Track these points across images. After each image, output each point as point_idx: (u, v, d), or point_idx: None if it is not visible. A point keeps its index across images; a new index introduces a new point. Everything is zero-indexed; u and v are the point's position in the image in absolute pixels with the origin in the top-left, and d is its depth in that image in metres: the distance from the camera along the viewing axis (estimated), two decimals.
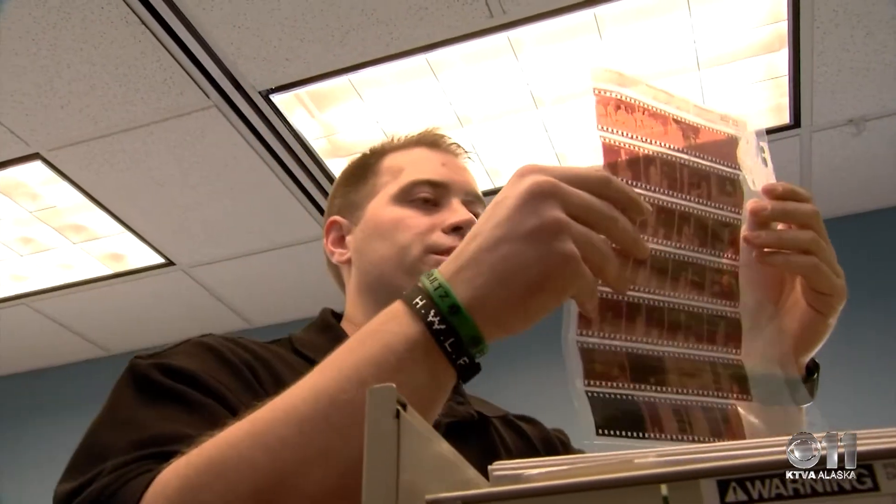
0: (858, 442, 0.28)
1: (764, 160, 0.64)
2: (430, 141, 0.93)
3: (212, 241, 2.82)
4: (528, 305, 0.50)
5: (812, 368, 0.65)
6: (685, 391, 0.55)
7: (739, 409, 0.56)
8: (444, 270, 0.52)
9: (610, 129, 0.56)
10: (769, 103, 2.33)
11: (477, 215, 0.88)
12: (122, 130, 2.32)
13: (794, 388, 0.59)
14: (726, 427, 0.54)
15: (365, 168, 0.94)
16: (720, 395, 0.56)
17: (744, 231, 0.60)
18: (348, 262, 0.91)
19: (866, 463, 0.28)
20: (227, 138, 2.37)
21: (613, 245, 0.52)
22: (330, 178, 2.55)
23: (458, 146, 0.96)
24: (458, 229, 0.84)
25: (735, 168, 0.62)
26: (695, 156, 0.59)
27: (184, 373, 0.66)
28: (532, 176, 0.51)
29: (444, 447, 0.37)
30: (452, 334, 0.49)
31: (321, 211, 2.70)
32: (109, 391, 0.67)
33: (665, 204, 0.57)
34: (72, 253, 2.86)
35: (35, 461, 3.23)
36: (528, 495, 0.31)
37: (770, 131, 2.39)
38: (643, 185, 0.56)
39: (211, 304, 3.17)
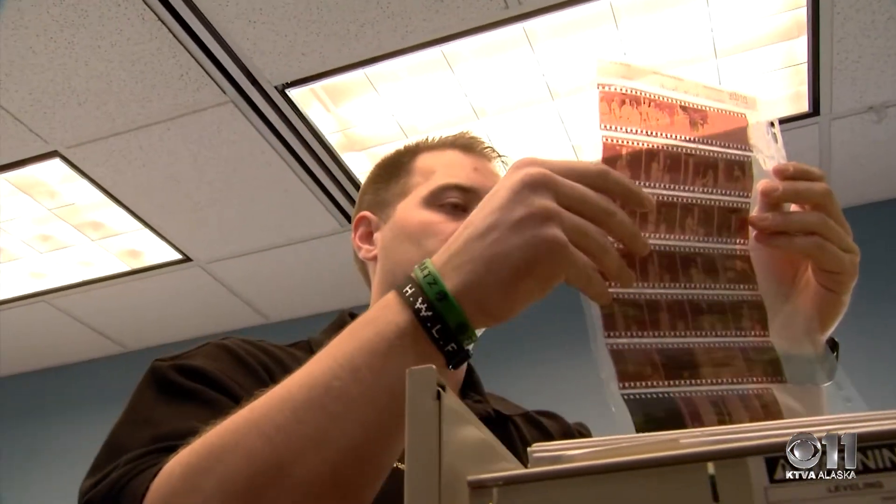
0: None
1: (774, 136, 0.64)
2: (464, 144, 0.94)
3: (228, 237, 2.83)
4: (514, 291, 0.50)
5: (831, 346, 0.65)
6: (720, 381, 0.54)
7: (775, 392, 0.55)
8: (436, 259, 0.53)
9: (613, 128, 0.56)
10: (788, 91, 2.30)
11: None
12: (139, 127, 2.34)
13: (822, 364, 0.59)
14: (765, 413, 0.54)
15: (397, 166, 0.94)
16: (755, 380, 0.55)
17: (752, 213, 0.60)
18: (375, 258, 0.92)
19: None
20: (244, 134, 2.38)
21: (616, 243, 0.53)
22: (346, 172, 2.56)
23: (493, 150, 0.96)
24: None
25: (745, 150, 0.61)
26: (702, 143, 0.59)
27: (201, 372, 0.68)
28: (527, 168, 0.52)
29: (483, 430, 0.37)
30: (439, 321, 0.50)
31: (337, 206, 2.70)
32: (131, 392, 0.70)
33: (666, 198, 0.57)
34: (90, 250, 2.88)
35: (56, 456, 3.27)
36: (571, 475, 0.31)
37: (789, 119, 2.37)
38: (643, 182, 0.56)
39: (228, 300, 3.19)
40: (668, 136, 0.57)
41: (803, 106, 2.34)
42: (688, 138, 0.58)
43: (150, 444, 0.60)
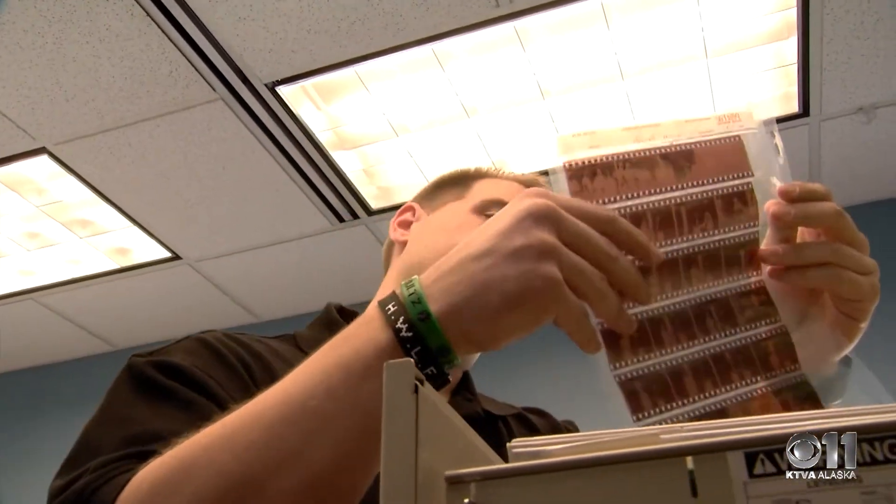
0: (888, 412, 0.28)
1: (776, 147, 0.60)
2: (527, 181, 0.95)
3: (218, 235, 2.82)
4: (501, 321, 0.48)
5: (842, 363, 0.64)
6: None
7: None
8: (425, 277, 0.51)
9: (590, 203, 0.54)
10: (778, 92, 2.31)
11: None
12: (127, 124, 2.32)
13: (836, 382, 0.58)
14: None
15: (460, 179, 0.97)
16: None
17: (764, 243, 0.57)
18: (403, 244, 0.93)
19: None
20: (234, 131, 2.37)
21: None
22: (336, 170, 2.55)
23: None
24: None
25: (744, 176, 0.58)
26: (692, 187, 0.56)
27: (178, 370, 0.67)
28: (534, 198, 0.51)
29: (462, 424, 0.37)
30: (419, 343, 0.48)
31: (328, 204, 2.69)
32: (107, 389, 0.69)
33: (664, 256, 0.54)
34: (78, 247, 2.86)
35: (41, 456, 3.24)
36: (550, 470, 0.30)
37: (779, 120, 2.36)
38: None
39: (217, 299, 3.17)
40: (652, 192, 0.55)
41: (793, 107, 2.34)
42: (674, 187, 0.55)
43: (122, 445, 0.59)
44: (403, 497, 0.29)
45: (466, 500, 0.30)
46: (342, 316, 0.90)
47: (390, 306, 0.50)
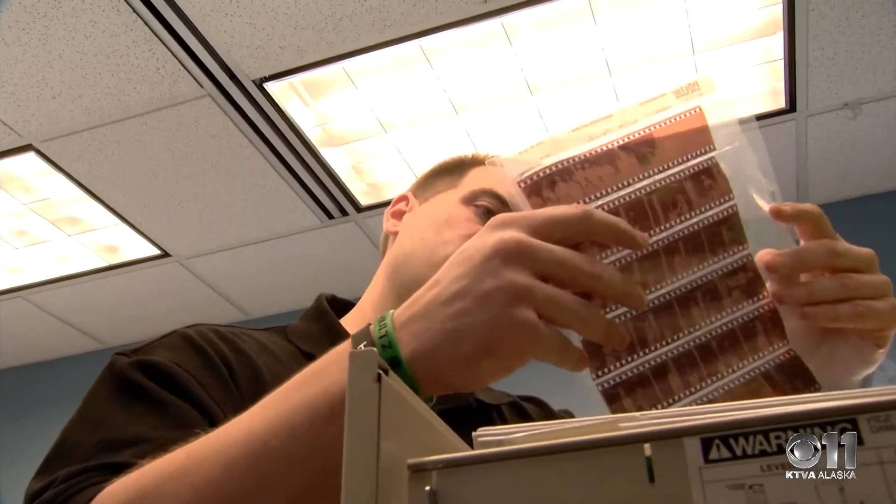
0: (843, 398, 0.28)
1: (754, 145, 0.58)
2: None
3: (207, 232, 2.81)
4: (473, 368, 0.47)
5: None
6: None
7: None
8: (397, 316, 0.50)
9: None
10: (765, 87, 2.32)
11: None
12: (115, 121, 2.31)
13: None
14: None
15: (455, 167, 0.96)
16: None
17: (770, 287, 0.55)
18: (395, 234, 0.93)
19: (850, 417, 0.27)
20: (222, 128, 2.36)
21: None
22: (325, 167, 2.54)
23: None
24: None
25: (707, 151, 0.56)
26: (659, 172, 0.54)
27: (160, 369, 0.67)
28: (501, 231, 0.49)
29: (427, 413, 0.37)
30: None
31: (316, 201, 2.69)
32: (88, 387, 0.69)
33: (644, 251, 0.52)
34: (67, 245, 2.85)
35: (30, 455, 3.23)
36: (511, 458, 0.31)
37: (766, 115, 2.39)
38: (616, 249, 0.52)
39: (207, 296, 3.16)
40: (619, 186, 0.53)
41: (780, 102, 2.35)
42: (641, 176, 0.54)
43: (94, 451, 0.59)
44: (364, 485, 0.30)
45: (428, 488, 0.30)
46: (334, 306, 0.90)
47: (361, 347, 0.48)
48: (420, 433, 0.36)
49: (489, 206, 0.86)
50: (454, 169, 0.95)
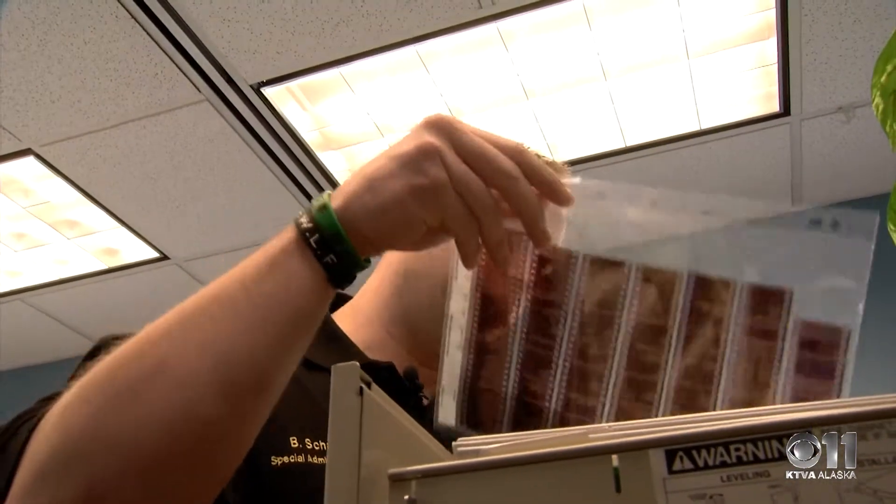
0: (797, 410, 0.29)
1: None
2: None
3: (205, 235, 2.83)
4: (384, 217, 0.51)
5: None
6: None
7: None
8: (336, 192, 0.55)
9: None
10: (760, 91, 2.34)
11: None
12: (113, 125, 2.33)
13: None
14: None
15: None
16: None
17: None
18: None
19: (806, 430, 0.29)
20: (220, 132, 2.37)
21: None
22: (322, 170, 2.56)
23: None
24: None
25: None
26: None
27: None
28: (439, 114, 0.53)
29: (410, 423, 0.39)
30: (317, 231, 0.52)
31: None
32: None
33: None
34: (66, 248, 2.87)
35: None
36: (487, 468, 0.32)
37: (761, 119, 2.40)
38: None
39: None
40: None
41: (774, 106, 2.37)
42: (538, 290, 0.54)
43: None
44: (346, 494, 0.31)
45: (407, 497, 0.32)
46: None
47: (301, 210, 0.54)
48: (402, 443, 0.37)
49: None
50: None
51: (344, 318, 0.85)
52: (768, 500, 0.28)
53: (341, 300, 0.90)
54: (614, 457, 0.31)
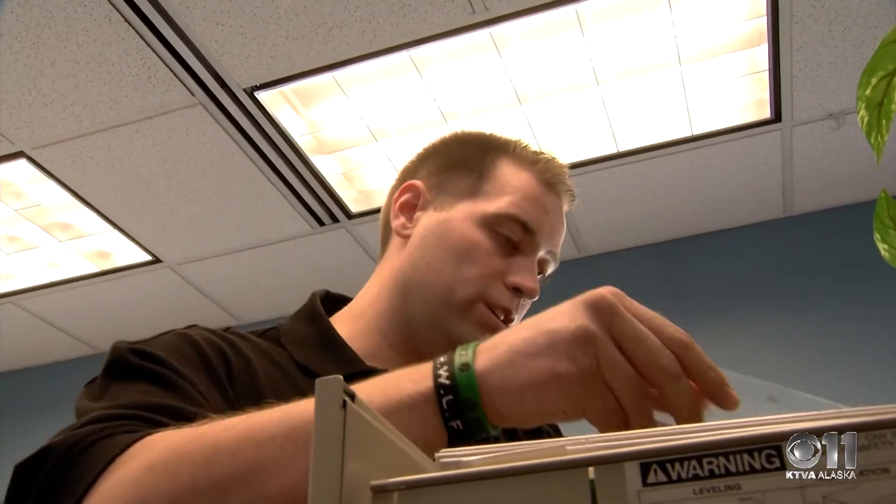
0: (768, 424, 0.30)
1: None
2: (549, 179, 0.86)
3: (198, 238, 2.83)
4: (525, 397, 0.49)
5: None
6: None
7: None
8: (481, 344, 0.53)
9: None
10: (751, 98, 2.35)
11: (545, 274, 0.87)
12: (106, 128, 2.33)
13: None
14: None
15: (477, 159, 0.87)
16: None
17: None
18: (406, 238, 0.86)
19: (775, 444, 0.30)
20: (213, 136, 2.38)
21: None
22: (316, 174, 2.56)
23: (573, 194, 0.89)
24: (518, 291, 0.82)
25: None
26: None
27: (157, 358, 0.68)
28: (604, 290, 0.50)
29: (395, 436, 0.39)
30: (453, 391, 0.50)
31: (307, 208, 2.71)
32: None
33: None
34: (58, 251, 2.86)
35: (21, 459, 3.23)
36: (467, 480, 0.33)
37: (752, 125, 2.42)
38: None
39: (198, 301, 3.18)
40: None
41: (765, 112, 2.39)
42: None
43: (119, 408, 0.60)
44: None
45: None
46: (329, 302, 0.88)
47: (442, 357, 0.52)
48: (387, 456, 0.38)
49: (510, 235, 0.82)
50: (470, 165, 0.86)
51: (343, 324, 0.85)
52: None
53: (341, 302, 0.90)
54: (591, 469, 0.31)
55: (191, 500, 0.49)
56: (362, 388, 0.50)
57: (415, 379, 0.52)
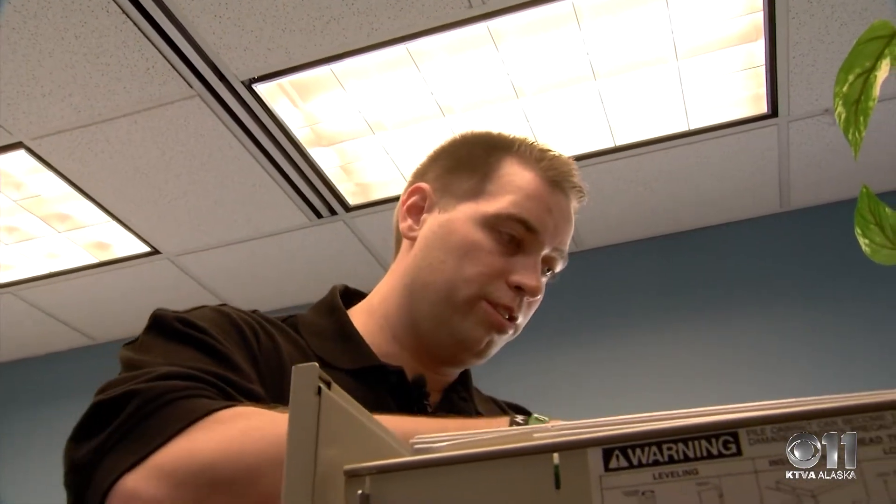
0: (725, 412, 0.31)
1: None
2: (553, 177, 0.86)
3: (197, 230, 2.84)
4: None
5: None
6: None
7: None
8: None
9: None
10: (747, 93, 2.36)
11: (554, 271, 0.88)
12: (105, 120, 2.33)
13: None
14: None
15: (482, 160, 0.87)
16: None
17: None
18: (413, 240, 0.88)
19: (732, 431, 0.31)
20: (211, 127, 2.38)
21: None
22: (313, 166, 2.57)
23: (580, 190, 0.89)
24: (520, 289, 0.82)
25: None
26: None
27: (201, 328, 0.72)
28: None
29: (372, 422, 0.40)
30: None
31: (305, 200, 2.71)
32: (100, 384, 0.70)
33: None
34: (57, 242, 2.87)
35: (21, 450, 3.25)
36: (437, 465, 0.34)
37: (748, 120, 2.42)
38: None
39: (197, 293, 3.19)
40: None
41: (762, 108, 2.39)
42: None
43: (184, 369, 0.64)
44: (302, 490, 0.33)
45: (360, 492, 0.33)
46: (348, 297, 0.91)
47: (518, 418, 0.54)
48: (362, 441, 0.39)
49: (513, 234, 0.82)
50: (475, 165, 0.87)
51: (359, 318, 0.88)
52: (695, 496, 0.30)
53: (357, 297, 0.93)
54: (555, 455, 0.32)
55: (270, 471, 0.53)
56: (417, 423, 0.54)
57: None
